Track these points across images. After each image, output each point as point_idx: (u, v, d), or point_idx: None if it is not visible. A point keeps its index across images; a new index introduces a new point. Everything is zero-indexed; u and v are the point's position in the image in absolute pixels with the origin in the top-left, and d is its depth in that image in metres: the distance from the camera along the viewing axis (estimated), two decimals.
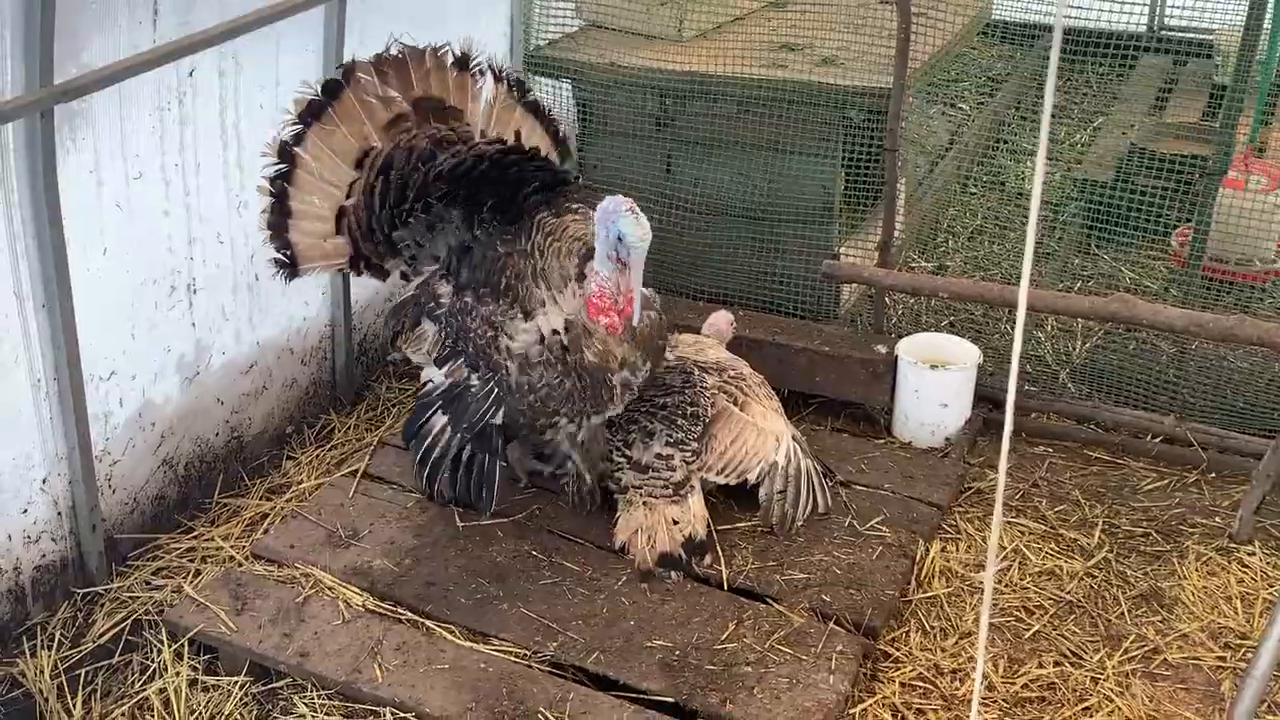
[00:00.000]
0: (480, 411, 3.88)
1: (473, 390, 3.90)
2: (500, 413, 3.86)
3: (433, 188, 3.89)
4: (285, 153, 3.93)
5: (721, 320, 4.61)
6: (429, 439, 4.00)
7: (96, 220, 3.67)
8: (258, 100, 4.15)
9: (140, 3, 3.60)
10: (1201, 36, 7.88)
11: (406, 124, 4.04)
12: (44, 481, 3.68)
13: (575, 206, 3.93)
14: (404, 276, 4.18)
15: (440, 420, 3.98)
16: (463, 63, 4.16)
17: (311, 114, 3.93)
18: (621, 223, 3.55)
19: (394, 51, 4.04)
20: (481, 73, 4.22)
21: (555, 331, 3.76)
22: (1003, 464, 1.38)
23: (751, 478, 4.05)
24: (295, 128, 3.92)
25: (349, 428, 4.74)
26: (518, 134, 4.16)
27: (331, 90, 3.95)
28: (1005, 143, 7.27)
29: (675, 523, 3.92)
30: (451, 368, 3.95)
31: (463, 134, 4.08)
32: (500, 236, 3.91)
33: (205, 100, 3.95)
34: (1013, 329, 5.38)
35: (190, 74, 3.85)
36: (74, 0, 3.41)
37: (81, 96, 3.43)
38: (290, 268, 4.02)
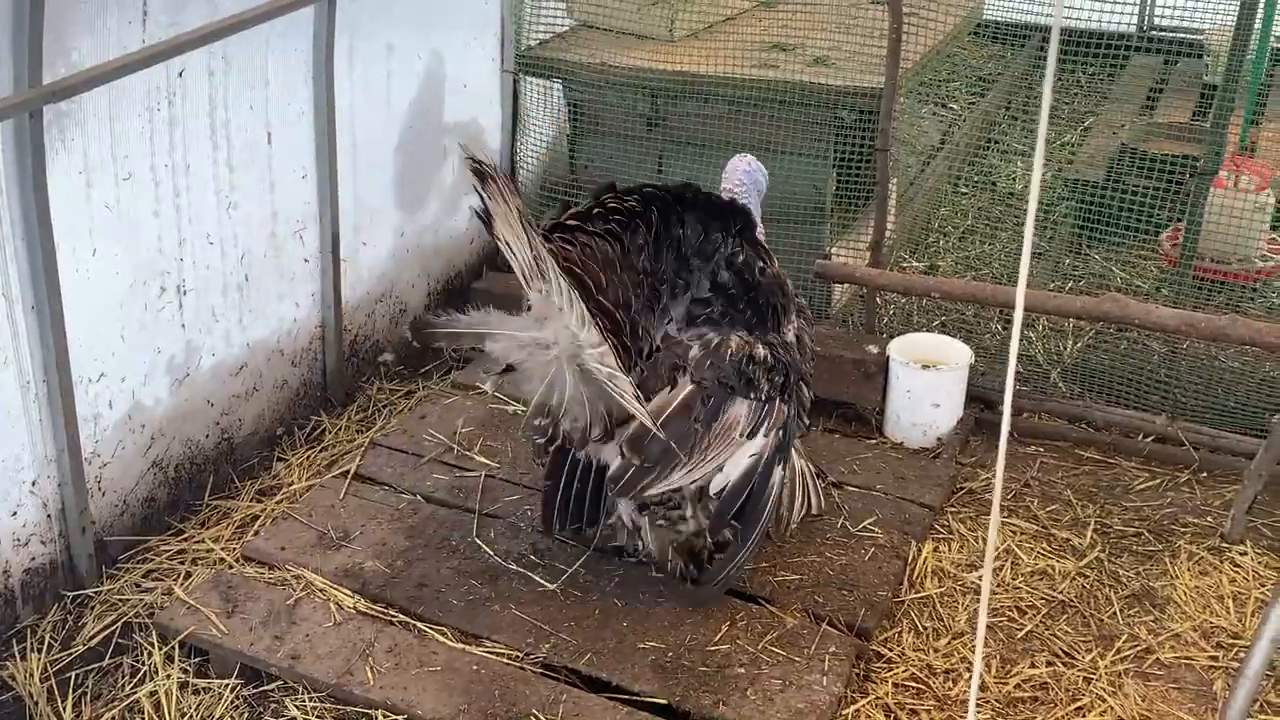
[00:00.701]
0: (794, 431, 3.74)
1: (792, 415, 3.68)
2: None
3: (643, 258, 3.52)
4: None
5: None
6: (769, 502, 3.63)
7: (86, 221, 3.65)
8: (247, 101, 4.13)
9: (130, 3, 3.58)
10: (1191, 36, 7.90)
11: None
12: (33, 484, 3.66)
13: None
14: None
15: (778, 474, 3.65)
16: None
17: None
18: (764, 170, 4.09)
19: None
20: None
21: (800, 305, 3.96)
22: (1000, 466, 1.37)
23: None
24: None
25: (339, 429, 4.73)
26: None
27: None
28: (996, 143, 7.27)
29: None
30: (771, 422, 3.58)
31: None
32: (752, 261, 3.67)
33: (195, 101, 3.93)
34: (1004, 329, 5.38)
35: (180, 74, 3.84)
36: (63, 0, 3.39)
37: (71, 97, 3.42)
38: None
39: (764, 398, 3.55)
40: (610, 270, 3.40)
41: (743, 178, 3.98)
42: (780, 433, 3.61)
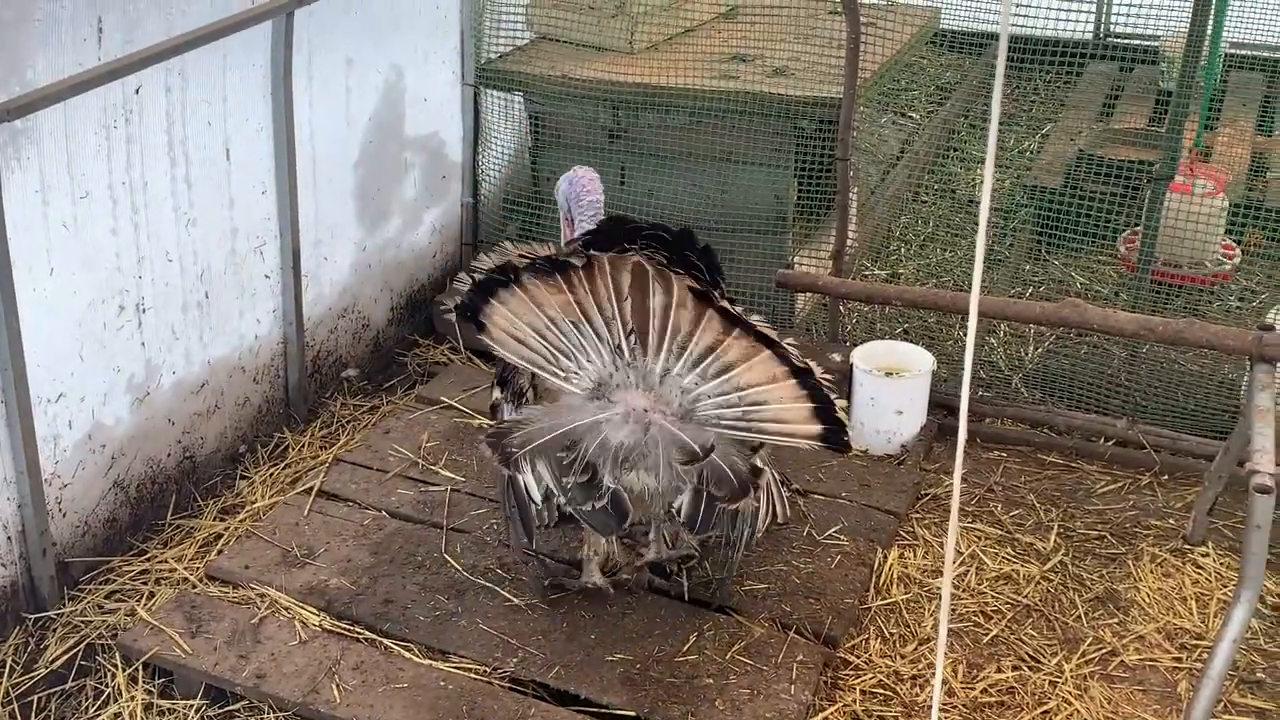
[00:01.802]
0: None
1: None
2: None
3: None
4: None
5: None
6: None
7: (43, 240, 3.62)
8: (205, 117, 4.11)
9: (84, 20, 3.56)
10: (1147, 44, 7.98)
11: None
12: None
13: None
14: None
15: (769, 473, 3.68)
16: None
17: None
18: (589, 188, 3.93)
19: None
20: None
21: None
22: (958, 471, 1.38)
23: None
24: None
25: (303, 445, 4.70)
26: None
27: None
28: (956, 151, 7.32)
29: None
30: None
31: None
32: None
33: (152, 117, 3.90)
34: (966, 335, 5.41)
35: (136, 91, 3.81)
36: (17, 18, 3.37)
37: (26, 115, 3.39)
38: None
39: None
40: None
41: (590, 189, 3.92)
42: None
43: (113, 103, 3.74)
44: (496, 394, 3.73)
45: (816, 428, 3.20)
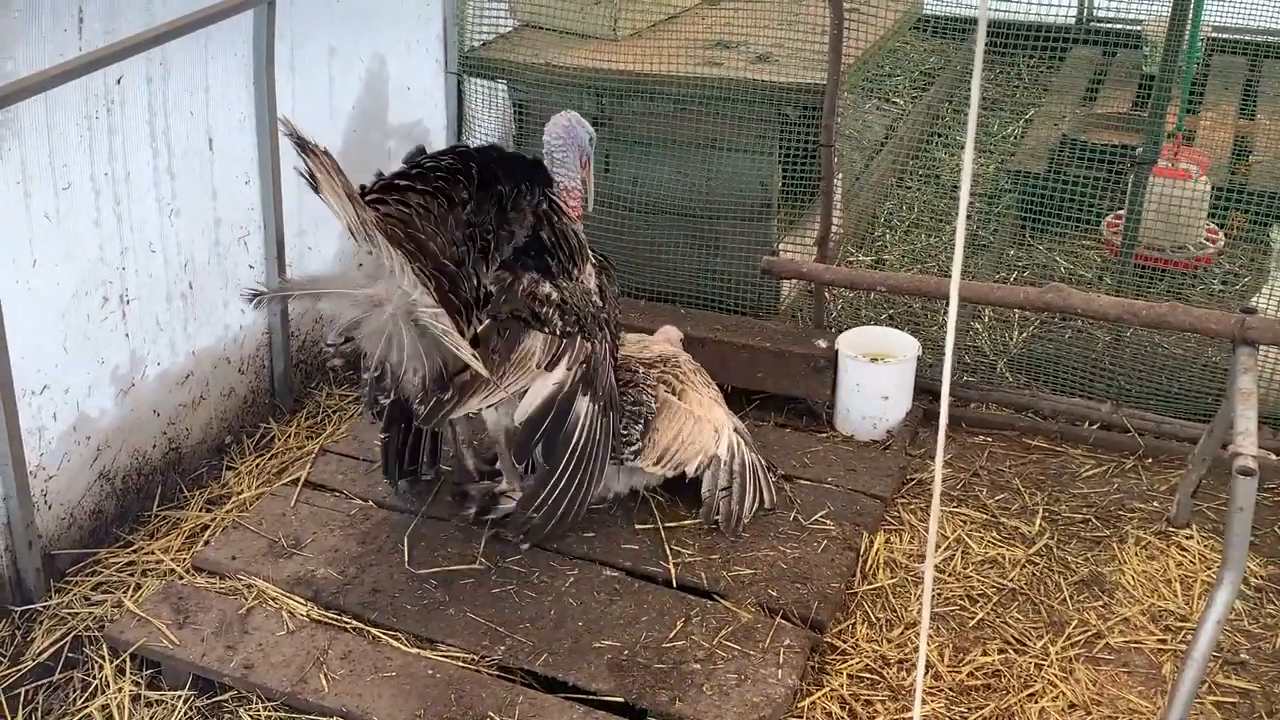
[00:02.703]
0: (606, 371, 3.91)
1: (599, 354, 3.89)
2: (612, 366, 3.96)
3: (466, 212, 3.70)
4: None
5: (672, 333, 4.61)
6: (577, 432, 3.83)
7: (25, 231, 3.61)
8: (187, 107, 4.09)
9: (65, 11, 3.54)
10: (1129, 27, 8.00)
11: None
12: None
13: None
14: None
15: (583, 404, 3.84)
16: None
17: None
18: (588, 126, 4.09)
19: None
20: None
21: (600, 258, 4.10)
22: (939, 457, 1.38)
23: (690, 470, 4.06)
24: None
25: (289, 436, 4.70)
26: None
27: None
28: (940, 136, 7.33)
29: None
30: (571, 355, 3.82)
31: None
32: (551, 211, 3.88)
33: (134, 108, 3.89)
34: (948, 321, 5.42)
35: (118, 81, 3.80)
36: None
37: (6, 107, 3.37)
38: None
39: (559, 333, 3.78)
40: (442, 225, 3.59)
41: (561, 134, 4.04)
42: (583, 367, 3.83)
43: (94, 93, 3.72)
44: None
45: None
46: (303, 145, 3.13)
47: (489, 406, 3.79)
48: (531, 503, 3.86)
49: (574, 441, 3.82)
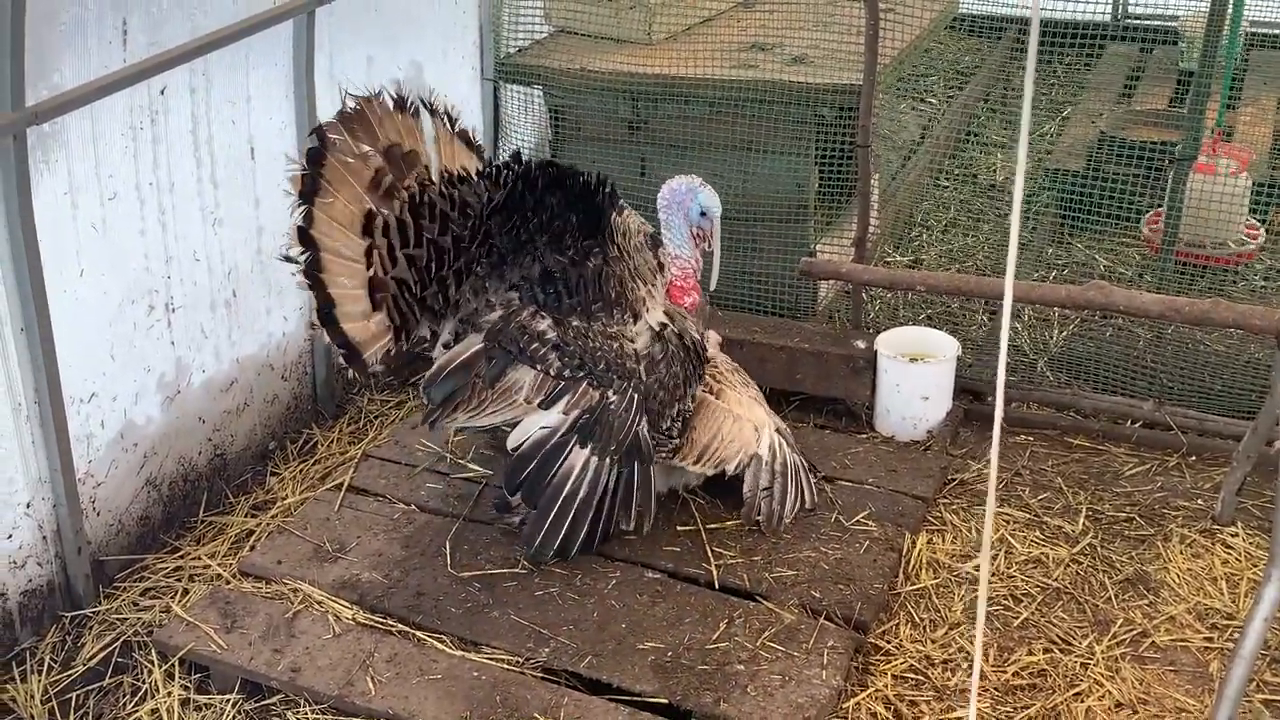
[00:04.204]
0: (629, 425, 3.83)
1: (613, 406, 3.81)
2: (644, 419, 3.86)
3: (494, 223, 3.79)
4: (305, 238, 3.69)
5: (711, 335, 4.61)
6: (570, 483, 3.81)
7: (73, 241, 3.66)
8: (229, 116, 4.14)
9: (109, 23, 3.59)
10: (1166, 24, 7.95)
11: (387, 177, 3.80)
12: (28, 506, 3.66)
13: (620, 202, 4.01)
14: (445, 345, 3.89)
15: (580, 456, 3.80)
16: (401, 104, 3.90)
17: (310, 190, 3.69)
18: (702, 197, 3.99)
19: (350, 105, 3.79)
20: (417, 111, 3.94)
21: (662, 324, 3.96)
22: (994, 455, 1.39)
23: (730, 468, 4.05)
24: (302, 209, 3.69)
25: (331, 441, 4.74)
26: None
27: (315, 158, 3.69)
28: (976, 135, 7.31)
29: None
30: (571, 400, 3.80)
31: (451, 178, 3.89)
32: (589, 250, 3.87)
33: (177, 118, 3.94)
34: (990, 320, 5.41)
35: (161, 92, 3.84)
36: (44, 22, 3.40)
37: (53, 119, 3.42)
38: (356, 359, 3.82)
39: (554, 373, 3.79)
40: (443, 233, 3.75)
41: (665, 197, 4.02)
42: (585, 416, 3.80)
43: (139, 104, 3.77)
44: None
45: None
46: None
47: (480, 428, 3.90)
48: (528, 536, 3.88)
49: (565, 492, 3.80)
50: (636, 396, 3.85)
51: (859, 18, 4.86)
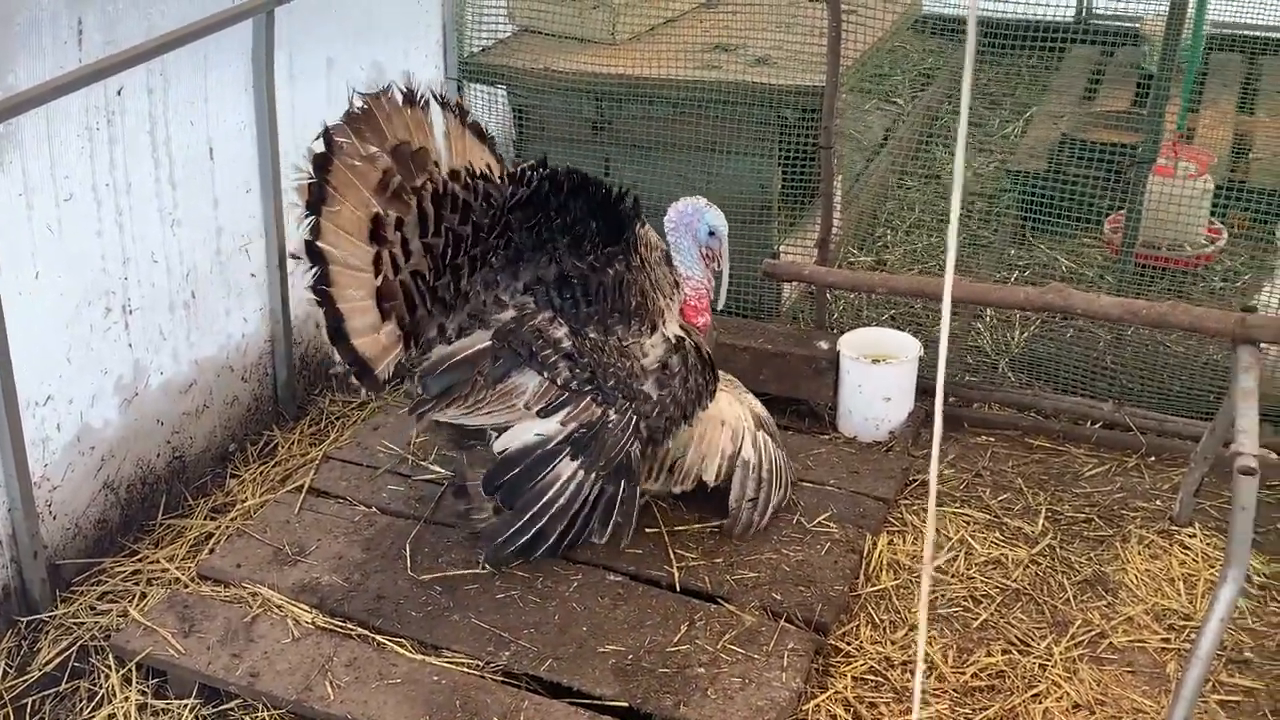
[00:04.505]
0: (622, 444, 3.79)
1: (611, 425, 3.77)
2: (637, 441, 3.83)
3: (515, 217, 3.74)
4: (314, 253, 3.58)
5: None
6: (552, 491, 3.75)
7: (27, 243, 3.62)
8: (187, 116, 4.10)
9: (64, 23, 3.55)
10: (1129, 25, 8.00)
11: (395, 177, 3.69)
12: None
13: (642, 215, 3.97)
14: (447, 340, 3.78)
15: (568, 468, 3.75)
16: (410, 98, 3.80)
17: (317, 200, 3.58)
18: (709, 217, 3.99)
19: (358, 104, 3.69)
20: (427, 105, 3.88)
21: (679, 336, 3.92)
22: (934, 468, 1.39)
23: (710, 478, 4.03)
24: (309, 221, 3.58)
25: (292, 443, 4.71)
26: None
27: (322, 164, 3.59)
28: (939, 136, 7.34)
29: None
30: (572, 412, 3.75)
31: (471, 171, 3.81)
32: (611, 257, 3.82)
33: (134, 119, 3.90)
34: (953, 321, 5.43)
35: (118, 93, 3.81)
36: None
37: (7, 119, 3.38)
38: (368, 375, 3.69)
39: (561, 383, 3.73)
40: (464, 221, 3.69)
41: (673, 219, 4.01)
42: (582, 430, 3.75)
43: (94, 104, 3.73)
44: None
45: None
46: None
47: (469, 426, 3.81)
48: (492, 534, 3.85)
49: (546, 499, 3.75)
50: (635, 418, 3.81)
51: (821, 19, 4.87)
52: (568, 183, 3.80)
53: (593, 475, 3.77)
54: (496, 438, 3.79)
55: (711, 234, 4.00)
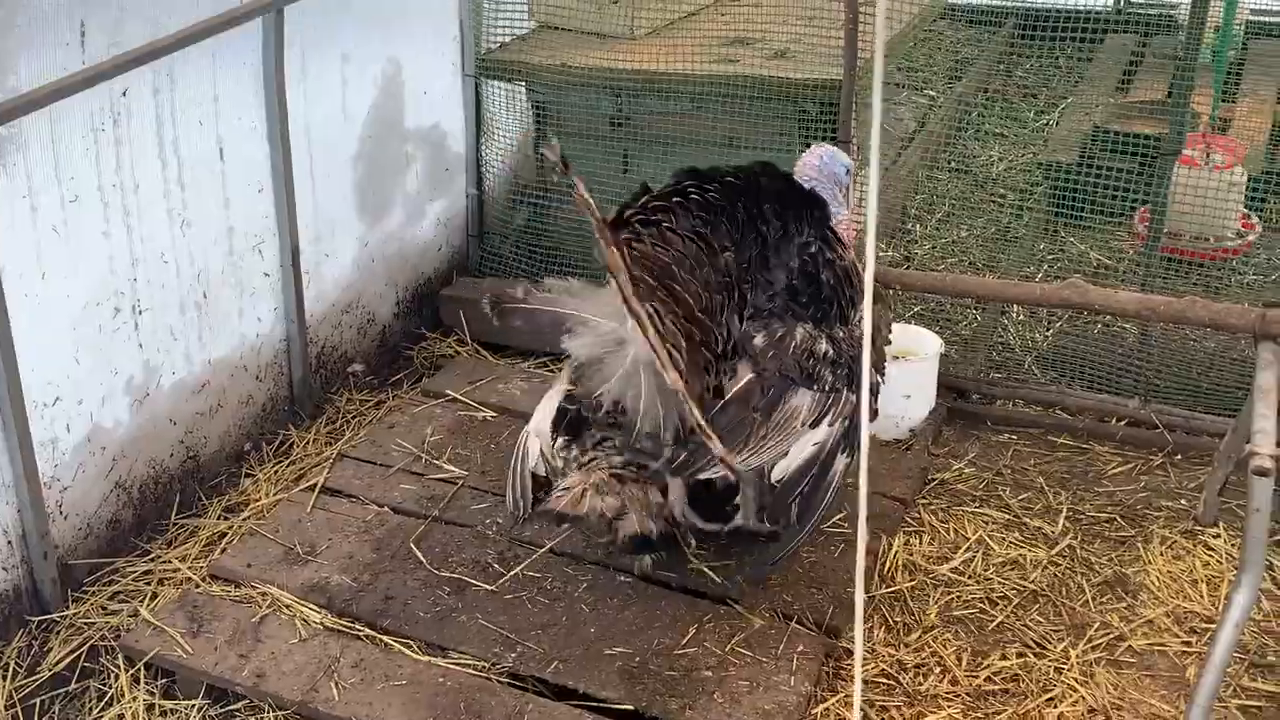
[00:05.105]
0: (857, 421, 3.62)
1: (852, 404, 3.61)
2: None
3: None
4: None
5: None
6: (831, 491, 3.59)
7: (33, 245, 3.62)
8: (196, 117, 4.09)
9: (66, 25, 3.54)
10: (1166, 12, 7.84)
11: None
12: None
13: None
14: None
15: (840, 463, 3.58)
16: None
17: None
18: (843, 158, 3.97)
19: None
20: None
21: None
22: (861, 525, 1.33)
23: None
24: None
25: (308, 442, 4.70)
26: None
27: None
28: (973, 128, 7.23)
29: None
30: (837, 411, 3.56)
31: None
32: (825, 246, 3.68)
33: (140, 119, 3.89)
34: (982, 315, 5.33)
35: (124, 94, 3.80)
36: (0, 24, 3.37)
37: (9, 122, 3.38)
38: None
39: (828, 389, 3.54)
40: (697, 271, 3.39)
41: (813, 172, 3.91)
42: (845, 422, 3.58)
43: (99, 106, 3.73)
44: None
45: None
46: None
47: (749, 469, 3.48)
48: (772, 549, 3.69)
49: (826, 500, 3.59)
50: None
51: (842, 11, 4.79)
52: (745, 187, 3.62)
53: (849, 461, 3.61)
54: (773, 467, 3.53)
55: (847, 171, 3.98)
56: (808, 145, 5.02)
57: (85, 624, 3.84)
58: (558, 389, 3.68)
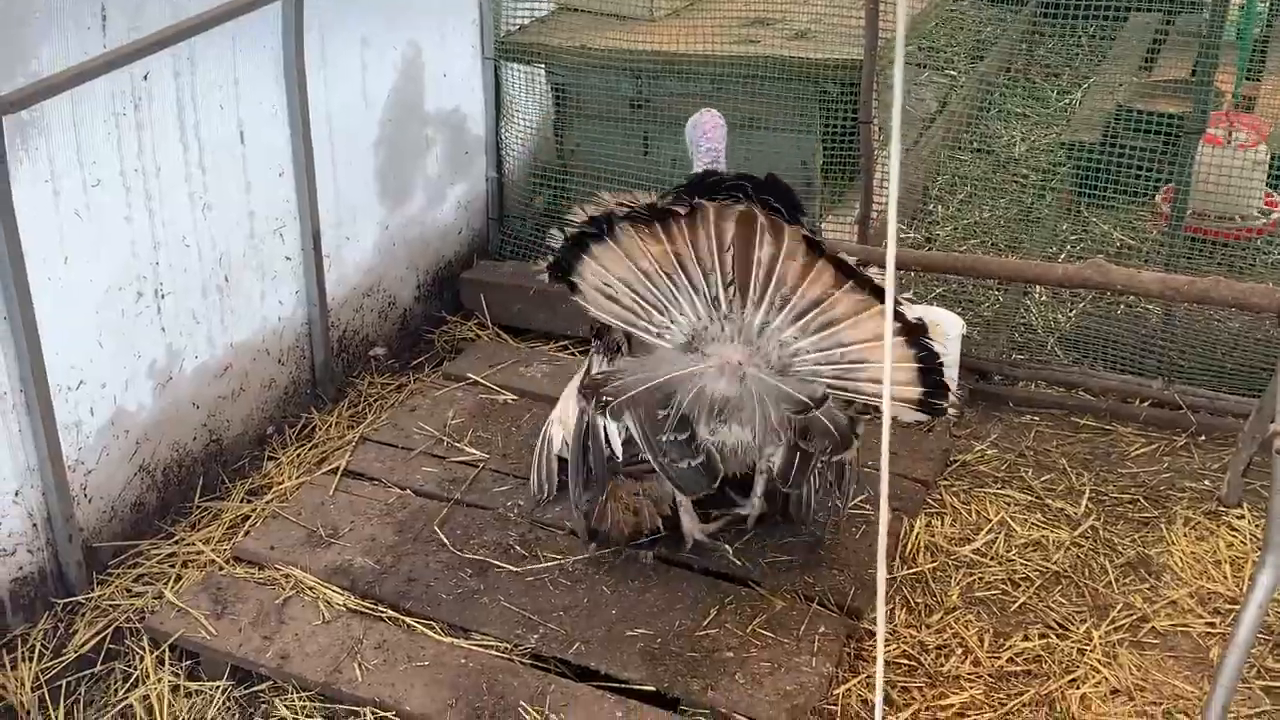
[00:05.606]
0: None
1: None
2: None
3: None
4: None
5: None
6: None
7: (55, 229, 3.63)
8: (217, 101, 4.10)
9: (87, 9, 3.55)
10: None
11: None
12: (16, 494, 3.66)
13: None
14: None
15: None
16: None
17: None
18: (692, 124, 3.98)
19: None
20: None
21: None
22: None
23: None
24: None
25: (330, 425, 4.71)
26: None
27: None
28: (995, 108, 7.19)
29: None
30: None
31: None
32: None
33: (162, 103, 3.90)
34: (1004, 296, 5.31)
35: (145, 78, 3.81)
36: (19, 9, 3.37)
37: (30, 106, 3.39)
38: None
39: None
40: None
41: (702, 131, 3.91)
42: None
43: (120, 90, 3.73)
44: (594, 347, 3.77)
45: (916, 391, 3.17)
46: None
47: None
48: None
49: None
50: None
51: None
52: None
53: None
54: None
55: (694, 127, 3.98)
56: (828, 126, 5.05)
57: (110, 606, 3.86)
58: (580, 379, 3.69)
